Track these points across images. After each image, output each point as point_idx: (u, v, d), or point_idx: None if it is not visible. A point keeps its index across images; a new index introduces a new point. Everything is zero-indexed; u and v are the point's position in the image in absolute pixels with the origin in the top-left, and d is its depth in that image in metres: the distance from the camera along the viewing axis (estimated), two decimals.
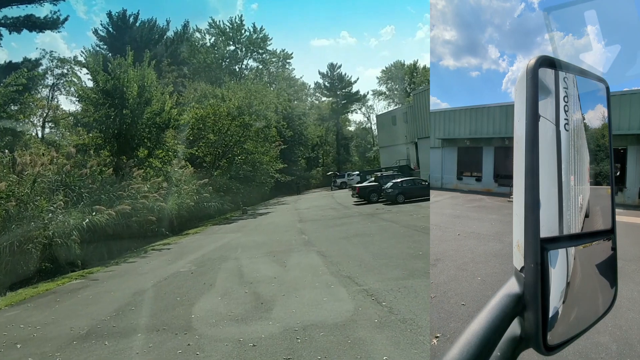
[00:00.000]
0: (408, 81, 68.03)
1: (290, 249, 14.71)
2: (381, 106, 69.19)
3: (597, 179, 1.25)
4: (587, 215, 1.17)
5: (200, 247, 18.05)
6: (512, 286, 0.94)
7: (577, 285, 1.03)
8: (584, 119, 1.10)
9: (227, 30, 50.92)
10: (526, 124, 0.92)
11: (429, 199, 25.33)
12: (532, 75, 0.94)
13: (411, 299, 8.05)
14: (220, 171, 31.98)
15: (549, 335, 0.93)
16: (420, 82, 59.88)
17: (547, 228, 0.93)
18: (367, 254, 12.45)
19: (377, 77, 71.37)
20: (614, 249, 1.15)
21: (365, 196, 28.52)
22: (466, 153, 27.14)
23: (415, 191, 26.14)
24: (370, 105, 70.37)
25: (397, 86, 69.53)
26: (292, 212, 28.50)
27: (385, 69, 70.51)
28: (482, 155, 25.63)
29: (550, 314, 0.93)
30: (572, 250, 1.02)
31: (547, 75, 0.98)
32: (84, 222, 16.51)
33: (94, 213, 17.05)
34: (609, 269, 1.15)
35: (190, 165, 30.69)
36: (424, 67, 68.32)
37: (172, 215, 23.46)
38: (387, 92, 70.74)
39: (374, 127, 65.54)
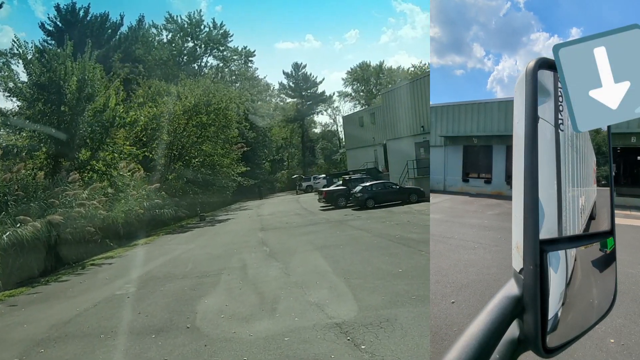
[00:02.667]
0: (374, 82, 66.86)
1: (248, 265, 12.71)
2: (347, 108, 67.74)
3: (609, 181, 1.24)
4: (593, 217, 1.17)
5: (147, 261, 15.83)
6: (511, 288, 0.92)
7: (577, 287, 1.02)
8: None
9: (185, 25, 48.11)
10: (525, 125, 0.91)
11: (403, 204, 23.77)
12: (532, 77, 0.92)
13: (398, 338, 6.23)
14: (176, 175, 29.53)
15: (548, 337, 0.91)
16: (387, 83, 58.75)
17: (547, 229, 0.93)
18: (338, 271, 10.59)
19: (343, 79, 69.84)
20: (613, 250, 1.11)
21: (332, 201, 26.74)
22: (473, 152, 24.84)
23: (386, 195, 24.52)
24: (336, 107, 68.76)
25: (362, 87, 68.26)
26: (254, 218, 26.42)
27: (350, 70, 69.10)
28: (491, 154, 23.35)
29: (550, 316, 0.91)
30: (571, 251, 1.01)
31: (546, 77, 0.96)
32: (4, 236, 14.01)
33: (18, 225, 14.56)
34: (608, 270, 1.11)
35: (141, 169, 28.23)
36: (390, 68, 67.49)
37: (119, 224, 21.05)
38: (352, 94, 69.37)
39: (340, 129, 64.01)
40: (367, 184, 25.43)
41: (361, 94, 67.91)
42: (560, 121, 0.99)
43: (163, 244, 20.06)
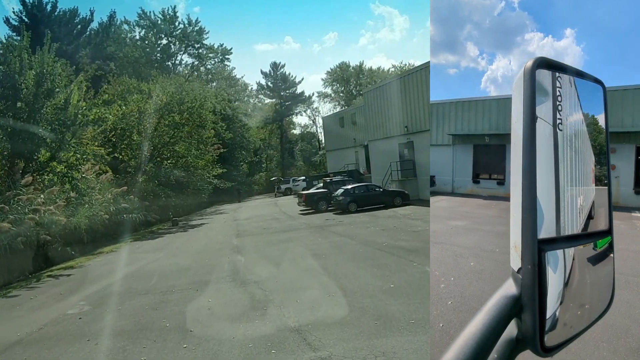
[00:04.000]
0: (354, 83, 65.96)
1: (220, 278, 11.38)
2: (327, 109, 66.60)
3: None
4: (591, 217, 1.16)
5: (109, 273, 14.34)
6: (509, 287, 0.92)
7: (575, 286, 1.02)
8: (584, 120, 1.11)
9: (159, 22, 46.17)
10: (523, 124, 0.92)
11: (386, 207, 22.63)
12: (530, 77, 0.93)
13: None
14: (146, 177, 27.87)
15: (546, 336, 0.92)
16: (367, 84, 57.82)
17: (545, 229, 0.93)
18: (321, 287, 9.36)
19: (322, 79, 68.86)
20: (611, 249, 1.13)
21: (312, 204, 25.50)
22: (485, 151, 22.97)
23: (369, 199, 23.41)
24: (316, 108, 67.63)
25: (342, 88, 67.27)
26: (229, 223, 25.02)
27: (330, 70, 68.06)
28: (505, 154, 21.27)
29: (548, 316, 0.91)
30: (569, 251, 1.01)
31: (544, 76, 0.96)
32: None
33: None
34: (606, 270, 1.12)
35: (110, 171, 26.55)
36: (370, 69, 66.75)
37: (82, 231, 19.45)
38: (332, 95, 68.36)
39: (319, 130, 62.85)
40: (349, 186, 24.27)
41: (341, 94, 66.97)
42: (558, 121, 0.98)
43: (129, 252, 18.55)
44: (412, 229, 15.69)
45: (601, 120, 1.19)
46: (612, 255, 1.12)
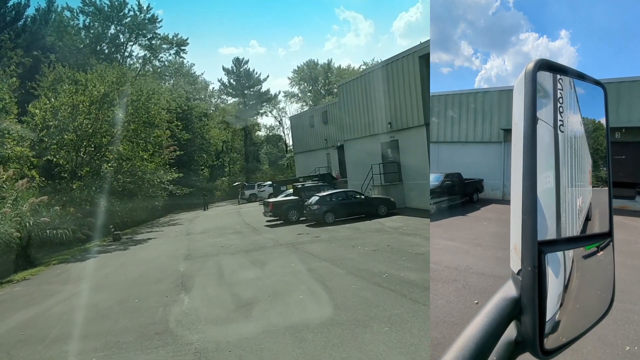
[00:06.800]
0: (322, 82, 62.55)
1: (147, 338, 7.49)
2: (294, 109, 62.85)
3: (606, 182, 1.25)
4: (589, 218, 1.14)
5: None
6: (508, 289, 0.91)
7: (574, 288, 1.01)
8: (583, 122, 1.09)
9: (106, 9, 41.28)
10: (524, 126, 0.91)
11: (368, 217, 18.95)
12: (531, 78, 0.92)
13: None
14: (82, 183, 23.42)
15: (545, 339, 0.90)
16: (336, 82, 54.53)
17: (545, 231, 0.92)
18: None
19: (289, 78, 64.97)
20: (611, 252, 1.09)
21: (281, 214, 21.72)
22: None
23: (349, 208, 19.78)
24: (282, 108, 63.76)
25: (310, 87, 63.74)
26: (181, 238, 20.96)
27: (297, 68, 64.42)
28: None
29: (547, 318, 0.90)
30: (569, 253, 1.00)
31: (545, 78, 0.96)
32: None
33: None
34: (606, 272, 1.09)
35: (38, 176, 22.10)
36: (339, 67, 63.58)
37: None
38: (299, 94, 64.72)
39: (286, 131, 59.07)
40: (325, 193, 20.58)
41: (309, 94, 63.45)
42: (559, 122, 0.97)
43: (46, 281, 14.29)
44: (412, 249, 12.13)
45: (602, 122, 1.15)
46: (612, 257, 1.08)
